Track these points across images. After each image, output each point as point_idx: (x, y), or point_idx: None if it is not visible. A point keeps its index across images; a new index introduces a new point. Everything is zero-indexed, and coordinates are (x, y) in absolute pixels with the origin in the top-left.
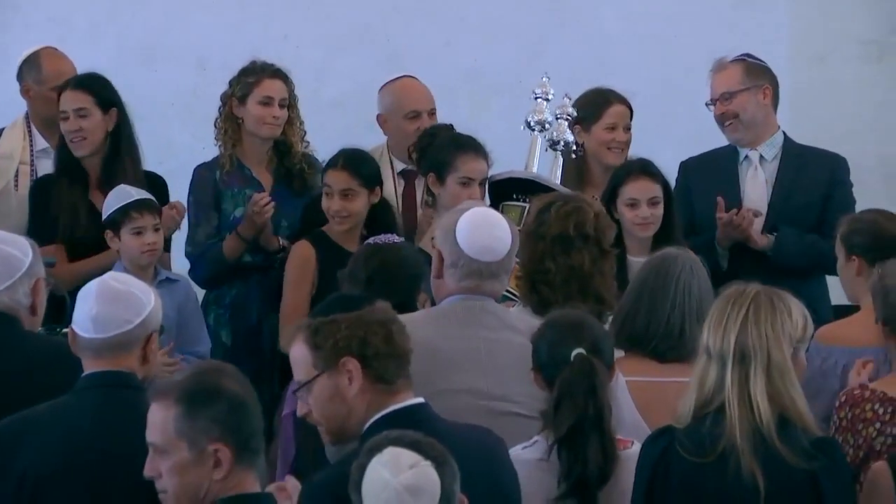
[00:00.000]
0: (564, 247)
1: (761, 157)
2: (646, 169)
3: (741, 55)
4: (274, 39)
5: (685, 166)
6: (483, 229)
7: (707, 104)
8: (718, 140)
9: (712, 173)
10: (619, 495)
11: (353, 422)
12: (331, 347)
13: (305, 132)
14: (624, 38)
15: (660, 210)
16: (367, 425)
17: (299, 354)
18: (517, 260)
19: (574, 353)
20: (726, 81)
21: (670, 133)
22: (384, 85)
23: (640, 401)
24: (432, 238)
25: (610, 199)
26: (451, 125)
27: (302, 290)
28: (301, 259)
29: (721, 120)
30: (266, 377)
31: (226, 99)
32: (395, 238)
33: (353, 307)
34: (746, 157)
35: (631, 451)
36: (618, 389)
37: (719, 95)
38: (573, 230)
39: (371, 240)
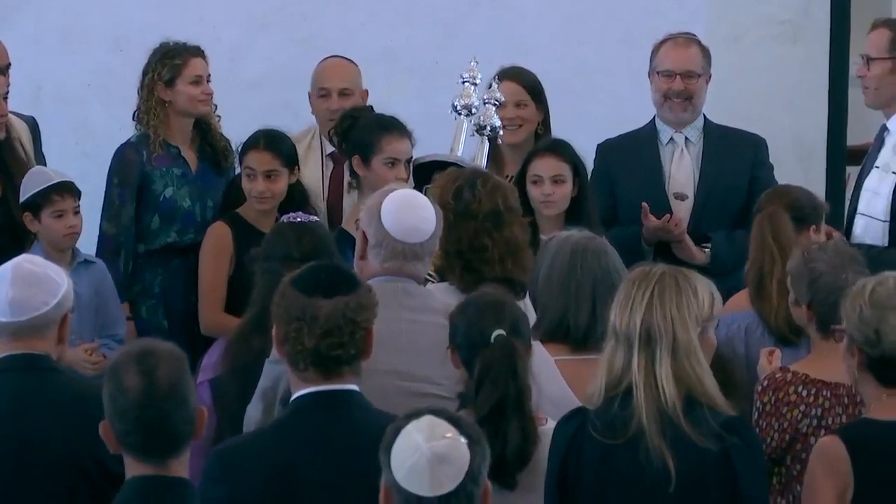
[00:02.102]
0: (497, 222)
1: (686, 139)
2: (552, 147)
3: (690, 35)
4: (190, 20)
5: (603, 148)
6: (408, 211)
7: (658, 73)
8: (633, 120)
9: (634, 156)
10: (537, 473)
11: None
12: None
13: (216, 106)
14: (539, 17)
15: (564, 189)
16: (290, 402)
17: None
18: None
19: (494, 334)
20: (692, 60)
21: (585, 113)
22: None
23: (569, 377)
24: (356, 220)
25: (522, 178)
26: (371, 107)
27: (220, 270)
28: (217, 239)
29: (673, 95)
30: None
31: (150, 85)
32: (309, 216)
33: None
34: (672, 139)
35: (546, 428)
36: (543, 366)
37: (683, 72)
38: (502, 204)
39: (289, 218)
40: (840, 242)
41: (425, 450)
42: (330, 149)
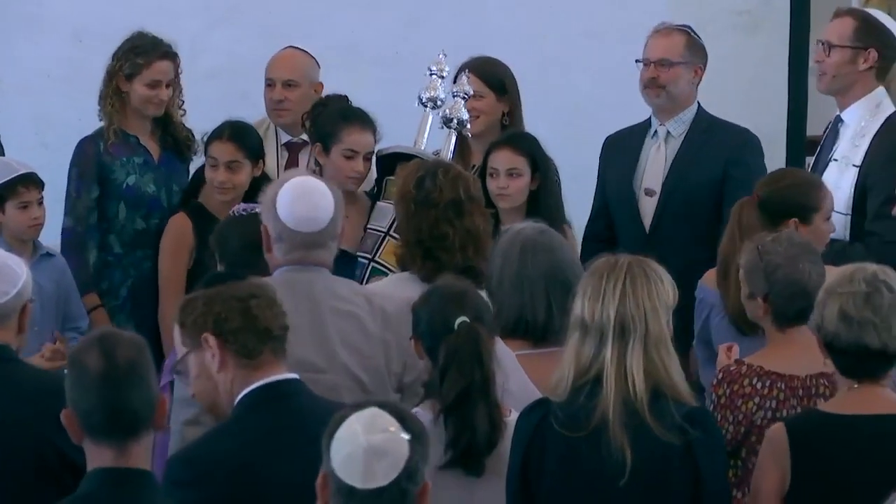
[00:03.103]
0: (458, 211)
1: (668, 133)
2: (510, 140)
3: (683, 26)
4: (151, 10)
5: (606, 141)
6: (302, 200)
7: (637, 61)
8: (595, 113)
9: (621, 150)
10: (500, 463)
11: (221, 398)
12: (191, 324)
13: (183, 101)
14: (502, 10)
15: (520, 182)
16: (237, 401)
17: (175, 333)
18: (396, 235)
19: (458, 321)
20: (667, 48)
21: (547, 106)
22: None
23: (529, 371)
24: None
25: (484, 169)
26: (346, 96)
27: (179, 262)
28: (178, 232)
29: (648, 83)
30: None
31: (112, 72)
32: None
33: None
34: (656, 132)
35: (510, 419)
36: (504, 360)
37: (657, 60)
38: (463, 194)
39: (240, 210)
40: (794, 234)
41: (363, 441)
42: (285, 138)
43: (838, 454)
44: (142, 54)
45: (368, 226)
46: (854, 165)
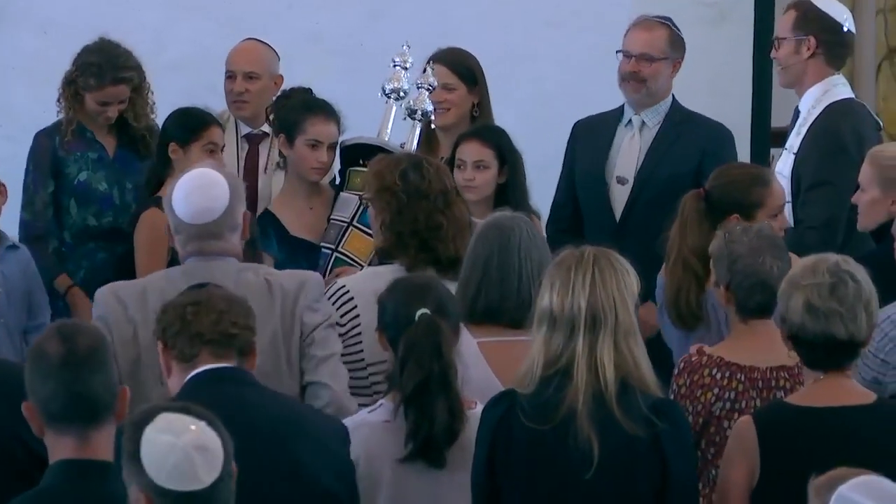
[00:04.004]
0: (446, 201)
1: (643, 123)
2: (478, 133)
3: (663, 18)
4: (115, 2)
5: (575, 127)
6: (195, 192)
7: (617, 52)
8: (558, 103)
9: (594, 136)
10: (464, 455)
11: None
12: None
13: (151, 106)
14: (464, 0)
15: (487, 175)
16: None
17: None
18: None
19: (418, 313)
20: (650, 44)
21: (511, 96)
22: None
23: (494, 362)
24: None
25: (452, 161)
26: (309, 89)
27: (157, 258)
28: (154, 227)
29: (627, 77)
30: None
31: (71, 77)
32: None
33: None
34: (630, 121)
35: (475, 412)
36: (468, 351)
37: (638, 54)
38: (448, 184)
39: None
40: (764, 226)
41: (182, 445)
42: (245, 130)
43: (807, 447)
44: (95, 75)
45: (332, 216)
46: (793, 153)
